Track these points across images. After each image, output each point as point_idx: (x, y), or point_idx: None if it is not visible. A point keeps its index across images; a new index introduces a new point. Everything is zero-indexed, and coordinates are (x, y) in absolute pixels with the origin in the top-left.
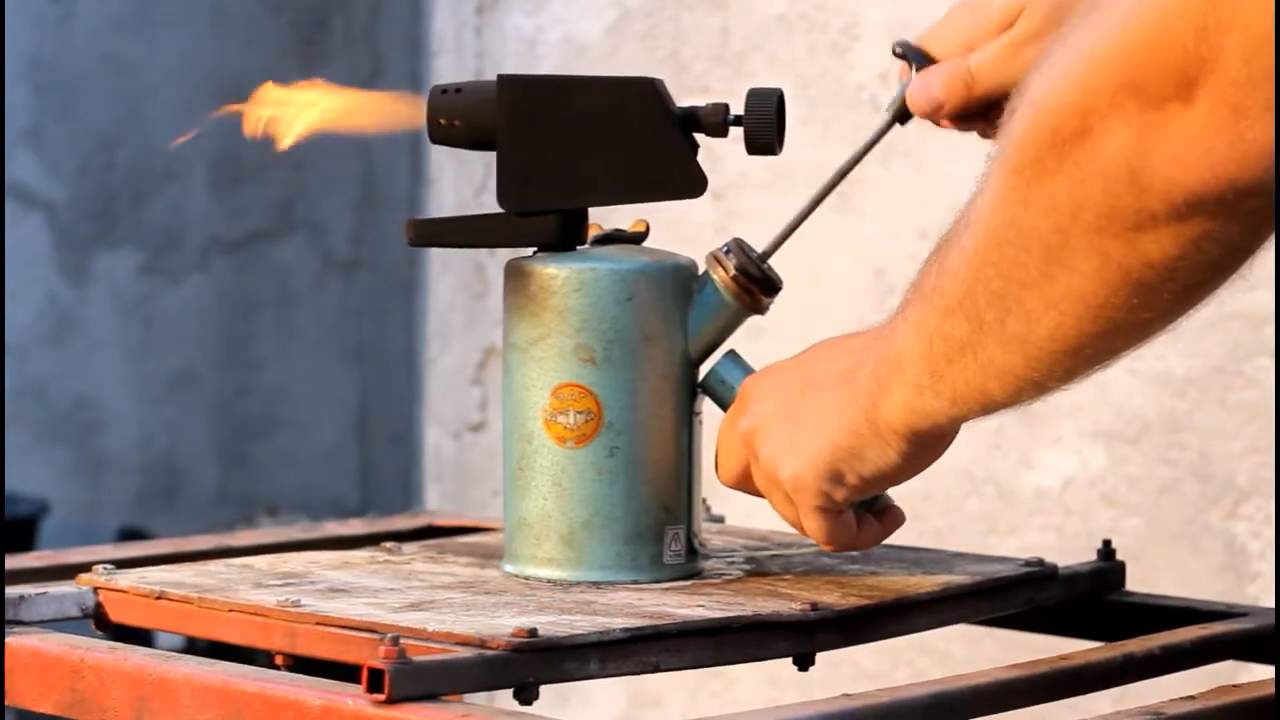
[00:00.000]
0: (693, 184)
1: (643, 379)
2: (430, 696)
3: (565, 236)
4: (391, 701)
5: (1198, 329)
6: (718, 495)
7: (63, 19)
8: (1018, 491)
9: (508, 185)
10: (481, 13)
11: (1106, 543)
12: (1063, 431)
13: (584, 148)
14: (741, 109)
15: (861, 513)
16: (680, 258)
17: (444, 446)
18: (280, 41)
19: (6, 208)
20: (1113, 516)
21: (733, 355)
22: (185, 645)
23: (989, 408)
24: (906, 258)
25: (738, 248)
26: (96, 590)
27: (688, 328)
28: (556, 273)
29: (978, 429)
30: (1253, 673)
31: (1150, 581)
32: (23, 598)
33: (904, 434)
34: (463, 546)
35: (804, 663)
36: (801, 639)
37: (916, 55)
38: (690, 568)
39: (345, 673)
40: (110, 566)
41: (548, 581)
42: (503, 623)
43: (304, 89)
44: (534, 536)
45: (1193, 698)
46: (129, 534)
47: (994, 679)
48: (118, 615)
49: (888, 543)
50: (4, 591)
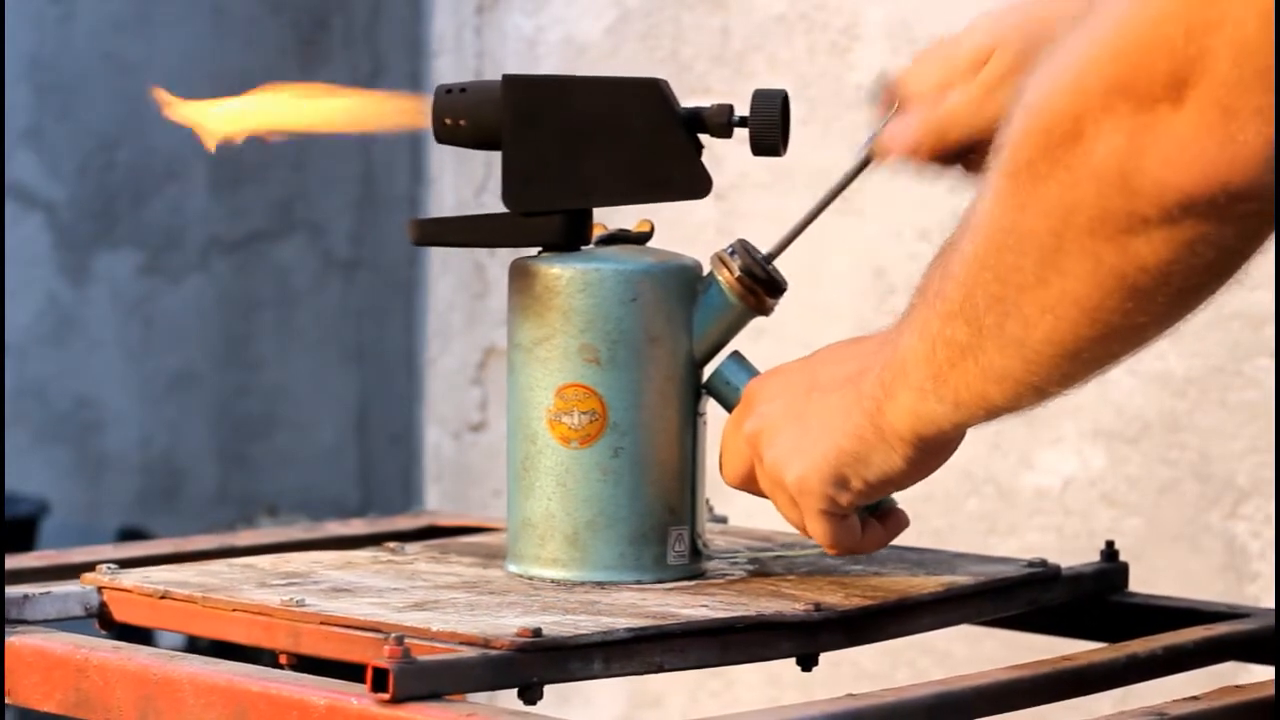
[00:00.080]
0: (697, 185)
1: (647, 380)
2: (434, 696)
3: (570, 237)
4: (396, 701)
5: (1198, 329)
6: (721, 496)
7: (63, 19)
8: (1018, 491)
9: (513, 185)
10: (481, 13)
11: (1109, 543)
12: (1063, 431)
13: (589, 148)
14: (744, 109)
15: (865, 516)
16: (685, 258)
17: (444, 446)
18: (280, 41)
19: (6, 208)
20: (1113, 516)
21: (737, 356)
22: (186, 645)
23: (991, 413)
24: (907, 258)
25: (743, 249)
26: (101, 590)
27: (692, 329)
28: (561, 273)
29: (978, 429)
30: (1254, 674)
31: (1150, 582)
32: (27, 597)
33: (909, 439)
34: (466, 546)
35: (807, 663)
36: (805, 639)
37: (891, 93)
38: (694, 568)
39: (349, 672)
40: (114, 566)
41: (551, 581)
42: (507, 623)
43: (305, 89)
44: (538, 536)
45: (1196, 698)
46: (129, 534)
47: (997, 679)
48: (122, 615)
49: (889, 543)
50: (4, 591)
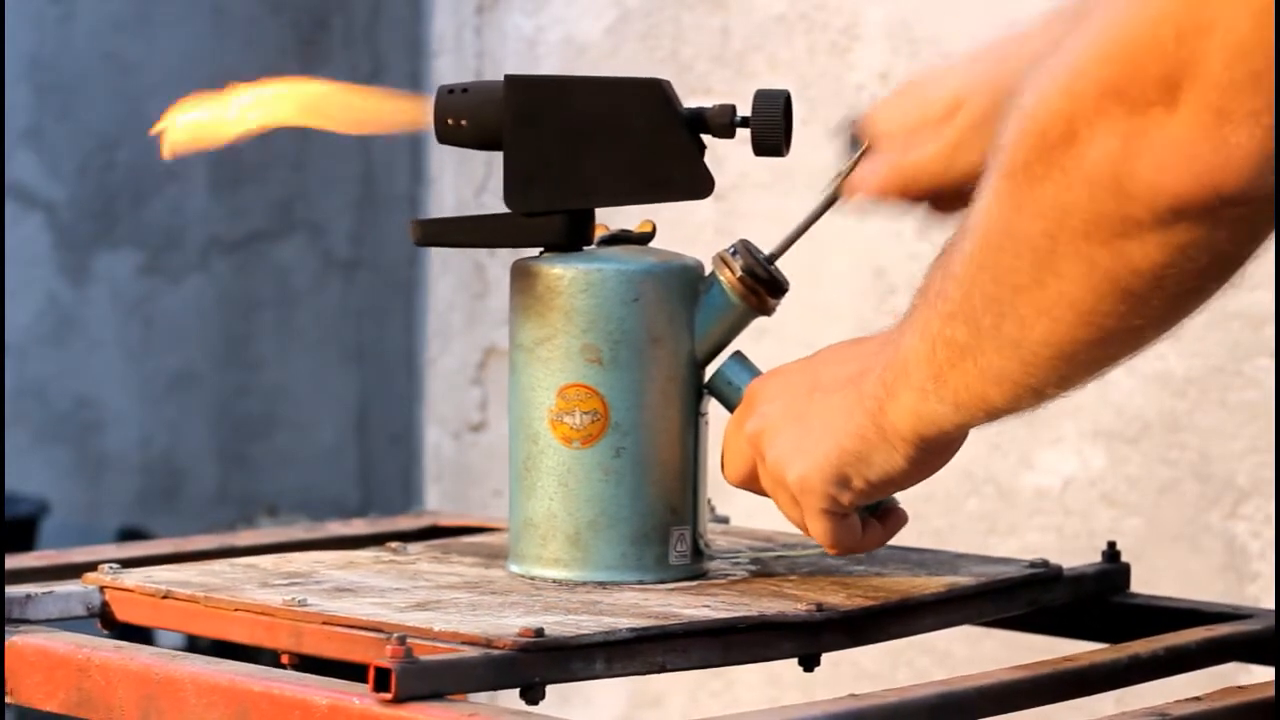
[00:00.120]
0: (699, 185)
1: (649, 380)
2: (436, 696)
3: (571, 237)
4: (398, 701)
5: (1198, 329)
6: (723, 496)
7: (63, 19)
8: (1018, 491)
9: (514, 185)
10: (481, 13)
11: (1111, 544)
12: (1063, 431)
13: (591, 148)
14: (745, 110)
15: (866, 516)
16: (687, 258)
17: (444, 446)
18: (280, 41)
19: (6, 208)
20: (1113, 516)
21: (739, 357)
22: (186, 645)
23: (991, 414)
24: (907, 258)
25: (744, 249)
26: (103, 589)
27: (694, 329)
28: (563, 273)
29: (978, 428)
30: (1255, 674)
31: (1150, 582)
32: (29, 597)
33: (911, 439)
34: (467, 546)
35: (809, 663)
36: (807, 640)
37: (861, 132)
38: (695, 568)
39: (351, 672)
40: (116, 565)
41: (553, 582)
42: (509, 623)
43: (303, 83)
44: (540, 537)
45: (1198, 699)
46: (129, 534)
47: (1000, 680)
48: (124, 614)
49: (891, 544)
50: (4, 591)
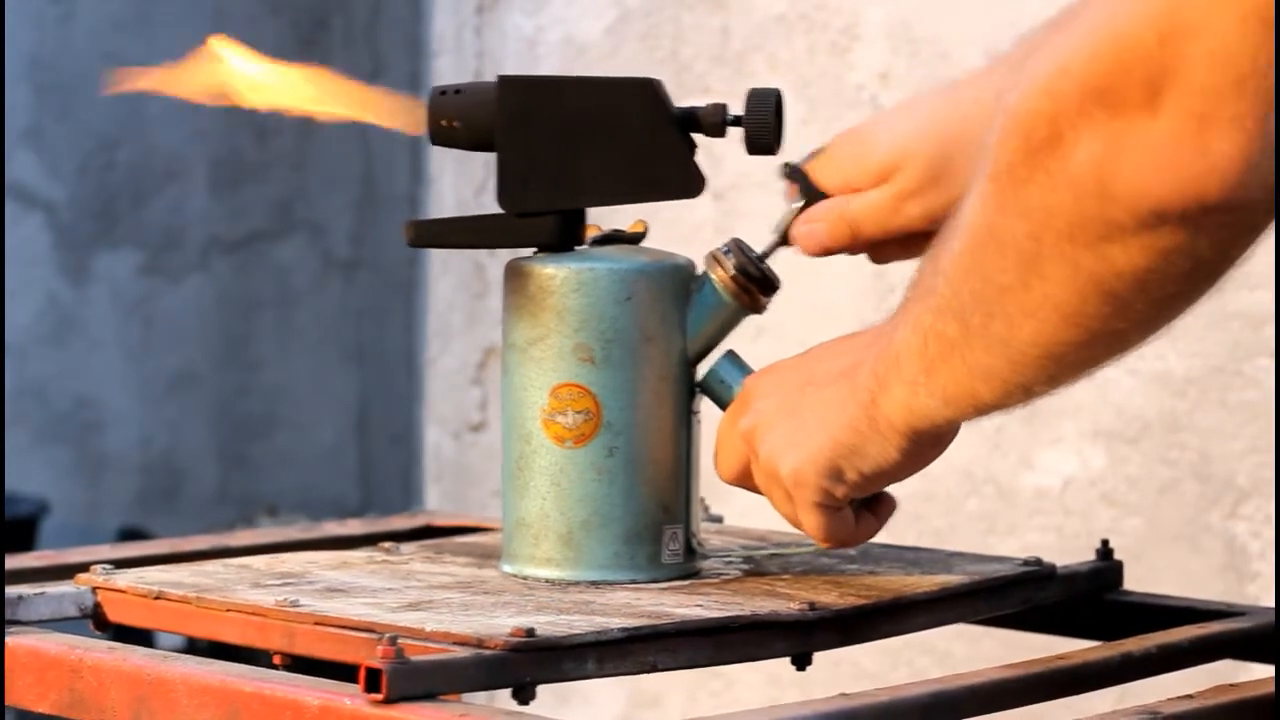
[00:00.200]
0: (690, 184)
1: (641, 379)
2: (428, 696)
3: (564, 237)
4: (389, 701)
5: (1198, 329)
6: (716, 495)
7: (63, 19)
8: (1018, 491)
9: (507, 186)
10: (481, 13)
11: (1104, 542)
12: (1063, 431)
13: (583, 148)
14: (741, 109)
15: (858, 509)
16: (679, 258)
17: (444, 446)
18: (280, 41)
19: (6, 208)
20: (1113, 516)
21: (731, 355)
22: (185, 646)
23: (980, 409)
24: None
25: (737, 248)
26: (95, 590)
27: (686, 327)
28: (555, 273)
29: (978, 428)
30: (1251, 672)
31: (1150, 581)
32: (21, 597)
33: (903, 431)
34: (461, 546)
35: (801, 662)
36: (799, 639)
37: (804, 181)
38: (688, 567)
39: (343, 672)
40: (109, 566)
41: (546, 581)
42: (500, 622)
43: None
44: (532, 536)
45: (1190, 697)
46: (129, 534)
47: (992, 678)
48: (116, 615)
49: (886, 542)
50: (3, 591)
